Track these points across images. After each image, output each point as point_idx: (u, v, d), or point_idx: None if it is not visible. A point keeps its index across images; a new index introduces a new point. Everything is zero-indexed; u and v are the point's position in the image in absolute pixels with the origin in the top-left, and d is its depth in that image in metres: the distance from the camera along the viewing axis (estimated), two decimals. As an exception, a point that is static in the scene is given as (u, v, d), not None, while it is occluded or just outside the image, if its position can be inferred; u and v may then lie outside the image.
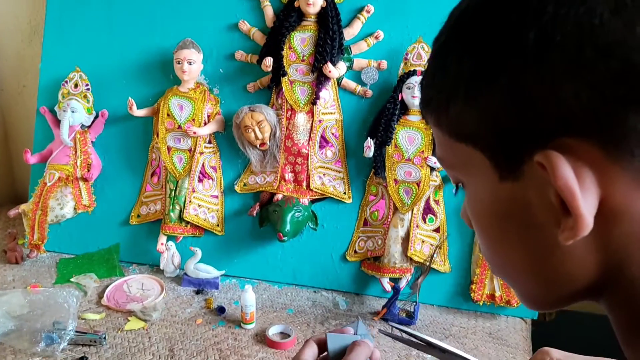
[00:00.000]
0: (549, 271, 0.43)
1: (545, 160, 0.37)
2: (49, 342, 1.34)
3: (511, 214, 0.42)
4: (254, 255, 1.69)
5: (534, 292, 0.46)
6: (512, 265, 0.46)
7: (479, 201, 0.45)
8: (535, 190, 0.40)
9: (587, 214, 0.37)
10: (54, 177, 1.66)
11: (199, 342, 1.41)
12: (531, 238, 0.42)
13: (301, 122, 1.58)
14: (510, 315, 1.57)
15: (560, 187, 0.37)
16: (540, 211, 0.40)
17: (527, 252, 0.43)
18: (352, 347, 0.66)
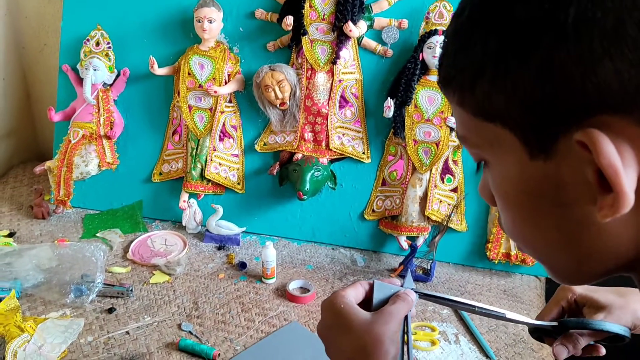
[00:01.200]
0: (582, 248, 0.43)
1: (587, 139, 0.37)
2: (78, 293, 1.40)
3: (542, 192, 0.42)
4: (274, 213, 1.72)
5: (566, 268, 0.47)
6: (542, 243, 0.46)
7: (507, 180, 0.45)
8: (570, 168, 0.39)
9: (629, 190, 0.37)
10: (78, 135, 1.69)
11: (221, 295, 1.46)
12: (564, 215, 0.42)
13: (321, 81, 1.59)
14: (525, 274, 1.60)
15: (604, 165, 0.36)
16: (574, 189, 0.40)
17: (560, 230, 0.43)
18: (395, 299, 0.67)
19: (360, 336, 0.63)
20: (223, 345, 1.29)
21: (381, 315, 0.65)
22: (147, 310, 1.39)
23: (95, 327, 1.32)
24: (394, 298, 0.68)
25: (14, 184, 1.93)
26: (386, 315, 0.65)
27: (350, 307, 0.66)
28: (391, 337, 0.63)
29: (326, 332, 0.67)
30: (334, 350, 0.66)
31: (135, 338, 1.30)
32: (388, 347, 0.62)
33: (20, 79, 2.06)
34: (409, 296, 0.68)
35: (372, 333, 0.62)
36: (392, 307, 0.66)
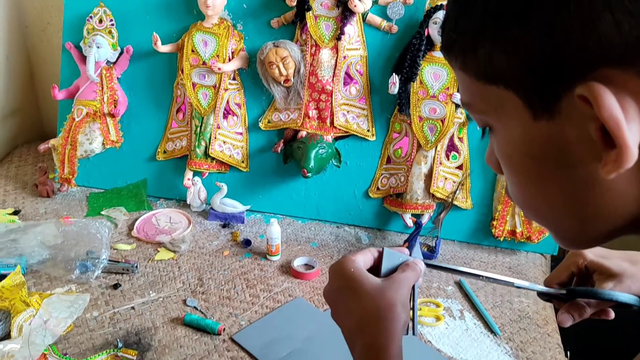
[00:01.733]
0: (588, 209, 0.42)
1: (588, 92, 0.36)
2: (83, 269, 1.40)
3: (547, 153, 0.42)
4: (278, 192, 1.72)
5: (571, 231, 0.47)
6: (547, 206, 0.46)
7: (511, 143, 0.44)
8: (573, 126, 0.39)
9: (633, 144, 0.37)
10: (82, 113, 1.69)
11: (226, 272, 1.46)
12: (568, 176, 0.42)
13: (325, 58, 1.58)
14: (530, 251, 1.59)
15: (606, 118, 0.36)
16: (578, 148, 0.39)
17: (565, 191, 0.43)
18: (405, 267, 0.67)
19: (373, 300, 0.63)
20: (228, 321, 1.29)
21: (392, 281, 0.65)
22: (152, 286, 1.39)
23: (101, 302, 1.33)
24: (404, 266, 0.68)
25: (19, 162, 1.93)
26: (397, 281, 0.65)
27: (361, 271, 0.66)
28: (403, 303, 0.63)
29: (335, 295, 0.67)
30: (342, 313, 0.66)
31: (141, 313, 1.30)
32: (400, 312, 0.62)
33: (24, 59, 2.05)
34: (417, 265, 0.68)
35: (385, 298, 0.62)
36: (403, 274, 0.66)
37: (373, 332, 0.62)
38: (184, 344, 1.22)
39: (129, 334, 1.23)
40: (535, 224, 1.53)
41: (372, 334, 0.62)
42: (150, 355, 1.18)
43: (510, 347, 1.25)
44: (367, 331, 0.63)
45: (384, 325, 0.61)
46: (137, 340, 1.22)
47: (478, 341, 1.27)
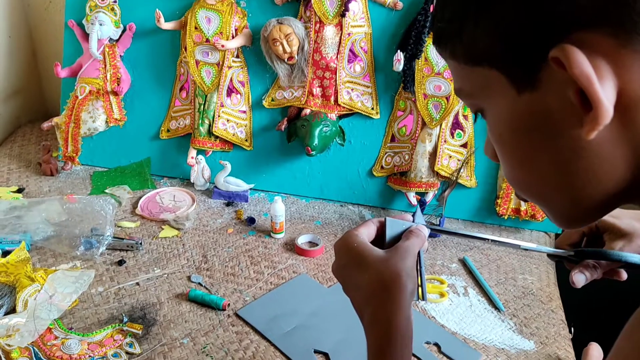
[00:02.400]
0: (578, 178, 0.44)
1: (560, 53, 0.38)
2: (87, 246, 1.40)
3: (533, 126, 0.44)
4: (282, 170, 1.71)
5: (566, 205, 0.48)
6: (540, 182, 0.47)
7: (501, 122, 0.47)
8: (554, 94, 0.41)
9: (606, 100, 0.38)
10: (85, 91, 1.68)
11: (230, 249, 1.46)
12: (556, 146, 0.43)
13: (330, 35, 1.56)
14: (535, 230, 1.59)
15: (577, 75, 0.38)
16: (561, 115, 0.41)
17: (554, 163, 0.44)
18: (408, 235, 0.67)
19: (378, 272, 0.63)
20: (232, 296, 1.29)
21: (396, 251, 0.65)
22: (157, 263, 1.40)
23: (106, 278, 1.33)
24: (407, 234, 0.68)
25: (22, 142, 1.93)
26: (402, 250, 0.65)
27: (364, 244, 0.66)
28: (408, 272, 0.64)
29: (342, 271, 0.68)
30: (351, 288, 0.67)
31: (146, 289, 1.31)
32: (406, 281, 0.62)
33: (26, 37, 2.04)
34: (421, 231, 0.68)
35: (390, 268, 0.63)
36: (407, 242, 0.66)
37: (379, 302, 0.63)
38: (189, 319, 1.22)
39: (134, 309, 1.24)
40: (540, 202, 1.52)
41: (379, 304, 0.63)
42: (156, 330, 1.19)
43: (514, 322, 1.26)
44: (373, 302, 0.63)
45: (389, 295, 0.62)
46: (143, 315, 1.22)
47: (482, 317, 1.27)
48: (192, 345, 1.15)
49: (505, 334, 1.22)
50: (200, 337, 1.18)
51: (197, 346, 1.15)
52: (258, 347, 1.16)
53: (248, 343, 1.17)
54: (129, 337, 1.16)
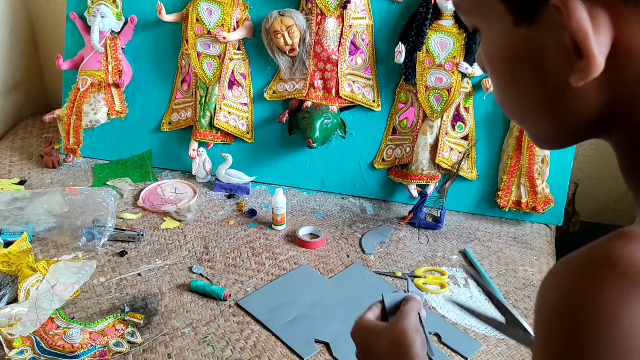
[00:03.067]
0: (557, 114, 0.45)
1: (560, 3, 0.38)
2: (89, 237, 1.41)
3: (524, 58, 0.44)
4: (284, 163, 1.72)
5: (545, 133, 0.49)
6: (523, 109, 0.48)
7: (494, 47, 0.47)
8: (550, 35, 0.41)
9: (599, 54, 0.38)
10: (87, 83, 1.68)
11: (232, 241, 1.47)
12: (543, 83, 0.44)
13: (331, 27, 1.56)
14: (535, 222, 1.59)
15: (574, 29, 0.38)
16: (553, 55, 0.41)
17: (538, 96, 0.45)
18: (406, 301, 0.75)
19: (388, 336, 0.70)
20: (234, 287, 1.30)
21: (400, 315, 0.72)
22: (158, 254, 1.40)
23: (107, 269, 1.34)
24: (404, 302, 0.76)
25: (24, 134, 1.93)
26: (403, 313, 0.72)
27: (372, 322, 0.74)
28: (414, 327, 0.70)
29: (363, 353, 0.74)
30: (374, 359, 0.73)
31: (147, 279, 1.31)
32: (413, 336, 0.69)
33: (28, 31, 2.04)
34: (416, 297, 0.76)
35: (397, 329, 0.70)
36: (406, 307, 0.73)
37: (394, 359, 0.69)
38: (190, 309, 1.23)
39: (135, 299, 1.24)
40: (541, 194, 1.52)
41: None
42: (157, 320, 1.19)
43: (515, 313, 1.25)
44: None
45: (403, 351, 0.68)
46: (144, 305, 1.23)
47: (482, 308, 1.27)
48: (193, 335, 1.16)
49: (505, 325, 1.22)
50: (202, 326, 1.18)
51: (198, 336, 1.16)
52: (259, 336, 1.16)
53: (249, 333, 1.17)
54: (131, 327, 1.16)
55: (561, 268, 0.41)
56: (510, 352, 1.16)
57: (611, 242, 0.40)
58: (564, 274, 0.41)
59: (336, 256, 1.43)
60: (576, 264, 0.40)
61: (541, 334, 0.41)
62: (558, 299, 0.40)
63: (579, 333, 0.38)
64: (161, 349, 1.12)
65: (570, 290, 0.39)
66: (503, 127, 1.56)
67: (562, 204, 1.57)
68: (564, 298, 0.39)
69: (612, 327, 0.37)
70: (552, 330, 0.40)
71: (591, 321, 0.37)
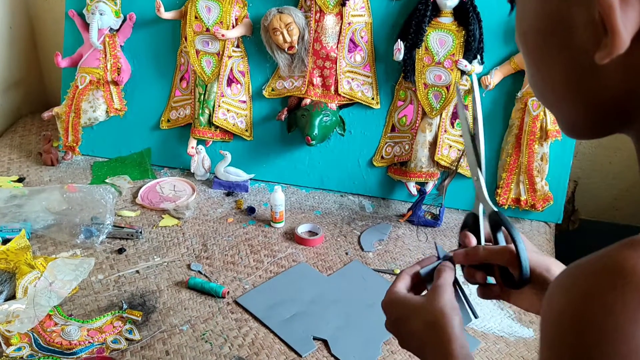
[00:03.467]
0: (585, 94, 0.45)
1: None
2: (88, 235, 1.41)
3: (554, 31, 0.44)
4: (282, 161, 1.71)
5: (572, 117, 0.49)
6: (553, 89, 0.48)
7: (527, 19, 0.47)
8: (582, 9, 0.40)
9: (624, 30, 0.37)
10: (85, 81, 1.68)
11: (230, 238, 1.46)
12: (571, 59, 0.44)
13: (330, 24, 1.56)
14: (535, 220, 1.59)
15: (600, 2, 0.37)
16: (582, 31, 0.41)
17: (566, 74, 0.45)
18: (439, 273, 0.71)
19: (425, 316, 0.67)
20: (232, 284, 1.30)
21: (434, 291, 0.68)
22: (157, 251, 1.40)
23: (106, 266, 1.34)
24: (437, 273, 0.72)
25: (23, 132, 1.93)
26: (437, 289, 0.68)
27: (405, 296, 0.70)
28: (451, 306, 0.66)
29: (395, 326, 0.72)
30: (406, 338, 0.72)
31: (145, 277, 1.31)
32: (452, 316, 0.65)
33: (27, 28, 2.04)
34: (448, 265, 0.72)
35: (434, 309, 0.66)
36: (439, 281, 0.70)
37: (434, 341, 0.66)
38: (189, 306, 1.22)
39: (133, 297, 1.24)
40: (540, 192, 1.52)
41: (435, 344, 0.66)
42: (155, 317, 1.19)
43: (513, 311, 1.26)
44: (430, 344, 0.67)
45: (441, 332, 0.65)
46: (142, 302, 1.23)
47: (481, 305, 1.27)
48: (191, 332, 1.16)
49: (504, 322, 1.23)
50: (200, 324, 1.18)
51: (196, 333, 1.15)
52: (257, 333, 1.16)
53: (247, 330, 1.17)
54: (129, 324, 1.16)
55: (571, 275, 0.40)
56: (509, 350, 1.15)
57: (625, 251, 0.38)
58: (575, 281, 0.40)
59: (335, 254, 1.42)
60: (588, 272, 0.39)
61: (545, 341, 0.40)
62: (567, 308, 0.39)
63: (587, 347, 0.37)
64: (159, 346, 1.12)
65: (580, 300, 0.38)
66: (502, 125, 1.56)
67: (562, 201, 1.56)
68: (573, 307, 0.38)
69: (622, 343, 0.35)
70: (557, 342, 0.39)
71: (601, 335, 0.36)
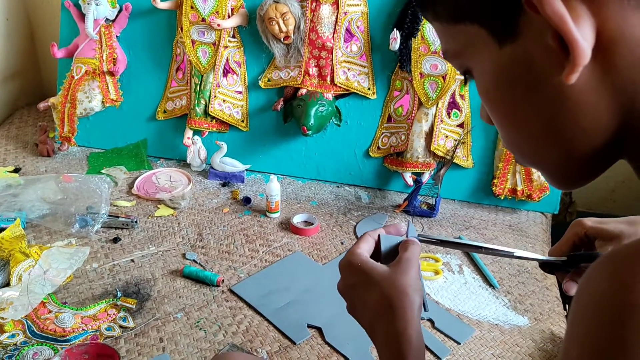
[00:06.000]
0: (563, 131, 0.43)
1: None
2: (83, 224, 1.41)
3: (517, 78, 0.43)
4: (279, 151, 1.71)
5: (558, 164, 0.47)
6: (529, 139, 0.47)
7: (486, 79, 0.46)
8: (534, 42, 0.40)
9: (582, 39, 0.37)
10: (81, 71, 1.67)
11: (226, 228, 1.46)
12: (539, 99, 0.43)
13: (326, 14, 1.56)
14: (531, 210, 1.58)
15: (549, 15, 0.37)
16: (543, 64, 0.41)
17: (539, 116, 0.44)
18: (406, 245, 0.67)
19: (385, 290, 0.63)
20: (227, 273, 1.29)
21: (399, 265, 0.65)
22: (152, 240, 1.40)
23: (101, 255, 1.33)
24: (404, 244, 0.68)
25: (19, 124, 1.93)
26: (403, 263, 0.65)
27: (368, 262, 0.66)
28: (414, 286, 0.63)
29: (349, 290, 0.67)
30: (359, 307, 0.67)
31: (140, 265, 1.31)
32: (413, 297, 0.62)
33: (24, 20, 2.04)
34: (416, 242, 0.68)
35: (396, 285, 0.63)
36: (407, 253, 0.66)
37: (390, 320, 0.63)
38: (183, 295, 1.22)
39: (128, 285, 1.24)
40: (536, 182, 1.52)
41: (389, 321, 0.63)
42: (150, 305, 1.19)
43: (508, 299, 1.25)
44: (384, 320, 0.63)
45: (399, 312, 0.62)
46: (137, 290, 1.22)
47: (476, 294, 1.27)
48: (185, 320, 1.15)
49: (499, 310, 1.22)
50: (194, 311, 1.18)
51: (190, 320, 1.15)
52: (252, 321, 1.16)
53: (242, 318, 1.17)
54: (123, 312, 1.16)
55: (608, 261, 0.39)
56: (504, 337, 1.15)
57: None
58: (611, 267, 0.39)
59: (330, 243, 1.42)
60: (626, 258, 0.38)
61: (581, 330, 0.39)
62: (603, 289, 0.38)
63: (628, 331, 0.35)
64: (153, 334, 1.12)
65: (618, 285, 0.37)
66: (499, 115, 1.55)
67: (558, 192, 1.56)
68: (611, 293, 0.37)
69: None
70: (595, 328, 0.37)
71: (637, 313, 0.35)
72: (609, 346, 0.35)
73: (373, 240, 0.69)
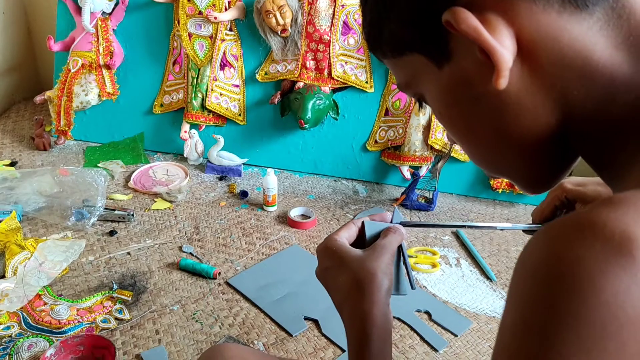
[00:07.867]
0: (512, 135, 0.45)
1: (448, 15, 0.40)
2: (79, 217, 1.40)
3: (460, 96, 0.46)
4: (276, 145, 1.71)
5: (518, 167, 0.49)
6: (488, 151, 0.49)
7: (435, 101, 0.49)
8: (467, 59, 0.43)
9: (498, 46, 0.39)
10: (78, 64, 1.67)
11: (222, 221, 1.46)
12: (482, 110, 0.45)
13: (323, 6, 1.55)
14: (529, 204, 1.58)
15: (465, 31, 0.39)
16: (478, 77, 0.43)
17: (488, 127, 0.46)
18: (386, 233, 0.68)
19: (355, 272, 0.64)
20: (224, 266, 1.29)
21: (373, 250, 0.66)
22: (149, 233, 1.39)
23: (97, 248, 1.33)
24: (385, 232, 0.69)
25: (16, 118, 1.92)
26: (378, 249, 0.66)
27: (343, 246, 0.67)
28: (384, 269, 0.64)
29: (324, 274, 0.68)
30: (332, 290, 0.68)
31: (137, 258, 1.30)
32: (381, 280, 0.63)
33: (20, 15, 2.03)
34: (399, 229, 0.69)
35: (365, 268, 0.64)
36: (384, 241, 0.67)
37: (356, 300, 0.63)
38: (179, 287, 1.22)
39: (124, 277, 1.24)
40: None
41: (356, 302, 0.64)
42: (146, 297, 1.18)
43: (505, 292, 1.25)
44: (350, 300, 0.64)
45: (365, 293, 0.63)
46: (133, 282, 1.22)
47: (473, 287, 1.26)
48: (182, 312, 1.15)
49: (496, 303, 1.22)
50: (191, 304, 1.17)
51: (187, 313, 1.15)
52: (248, 313, 1.15)
53: (238, 310, 1.16)
54: (119, 304, 1.16)
55: (544, 232, 0.40)
56: (501, 330, 1.15)
57: (597, 208, 0.38)
58: (546, 238, 0.39)
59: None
60: (559, 229, 0.39)
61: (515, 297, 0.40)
62: (536, 263, 0.38)
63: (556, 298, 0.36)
64: (149, 326, 1.11)
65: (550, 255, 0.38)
66: (496, 108, 1.55)
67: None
68: (543, 262, 0.38)
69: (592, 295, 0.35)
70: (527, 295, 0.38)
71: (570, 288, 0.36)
72: (540, 313, 0.36)
73: (355, 228, 0.70)
